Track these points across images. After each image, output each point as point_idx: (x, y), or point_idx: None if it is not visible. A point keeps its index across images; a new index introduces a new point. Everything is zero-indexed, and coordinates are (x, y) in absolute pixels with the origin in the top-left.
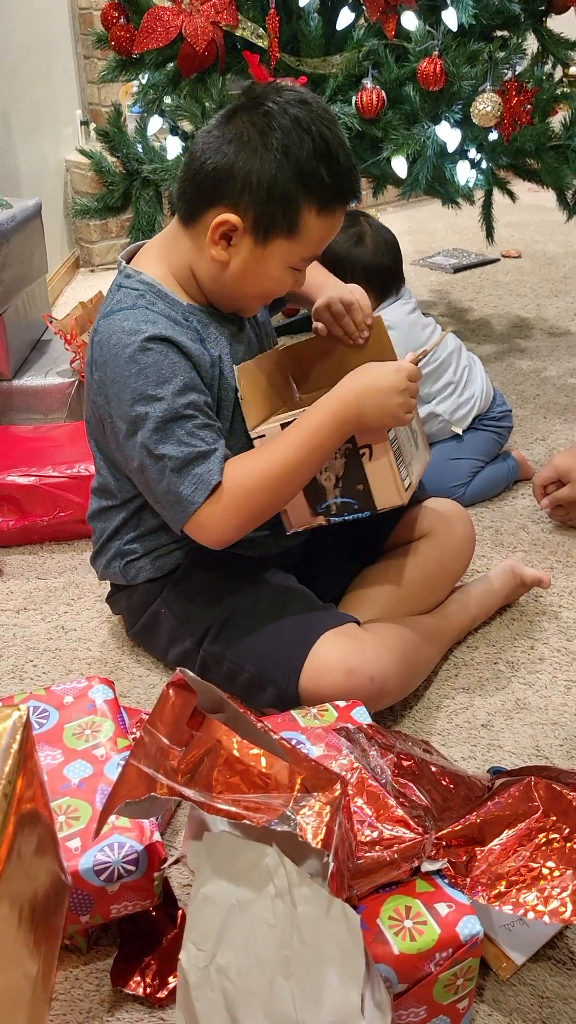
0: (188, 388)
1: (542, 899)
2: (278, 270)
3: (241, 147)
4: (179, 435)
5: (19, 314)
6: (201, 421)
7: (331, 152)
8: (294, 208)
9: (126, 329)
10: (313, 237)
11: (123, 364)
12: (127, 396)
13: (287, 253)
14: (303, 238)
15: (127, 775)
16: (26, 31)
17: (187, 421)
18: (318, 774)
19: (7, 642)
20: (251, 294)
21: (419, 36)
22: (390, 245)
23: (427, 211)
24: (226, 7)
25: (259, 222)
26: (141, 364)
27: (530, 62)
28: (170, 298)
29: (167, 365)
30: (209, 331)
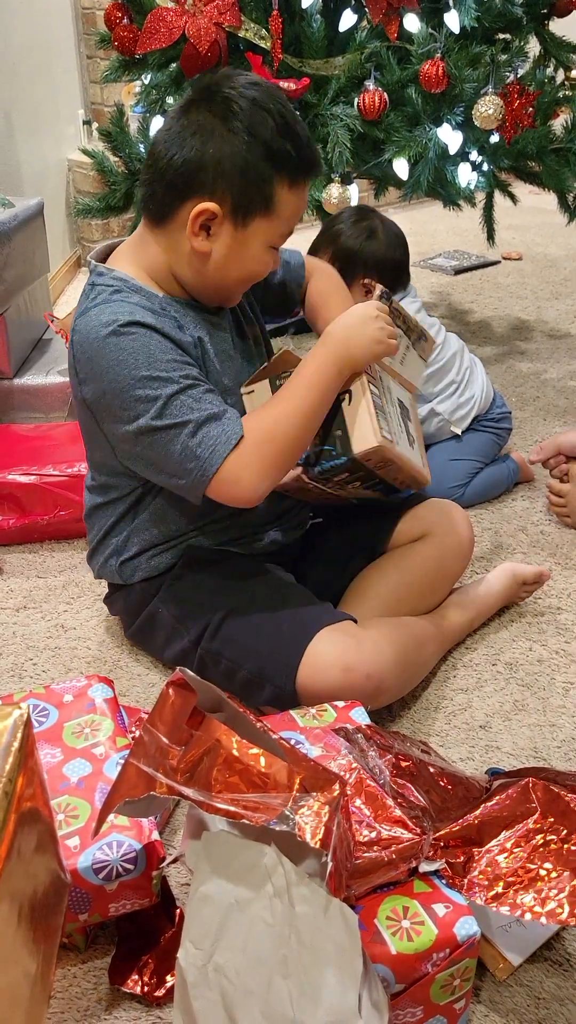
0: (180, 362)
1: (539, 900)
2: (260, 251)
3: (206, 137)
4: (188, 403)
5: (20, 313)
6: (204, 387)
7: (291, 127)
8: (268, 186)
9: (104, 321)
10: (288, 212)
11: (109, 355)
12: (123, 384)
13: (267, 232)
14: (279, 214)
15: (126, 774)
16: (29, 31)
17: (191, 389)
18: (317, 774)
19: (7, 640)
20: (235, 280)
21: (421, 38)
22: (400, 240)
23: (428, 213)
24: (229, 8)
25: (237, 206)
26: (127, 350)
27: (532, 65)
28: (145, 291)
29: (153, 345)
30: (187, 320)
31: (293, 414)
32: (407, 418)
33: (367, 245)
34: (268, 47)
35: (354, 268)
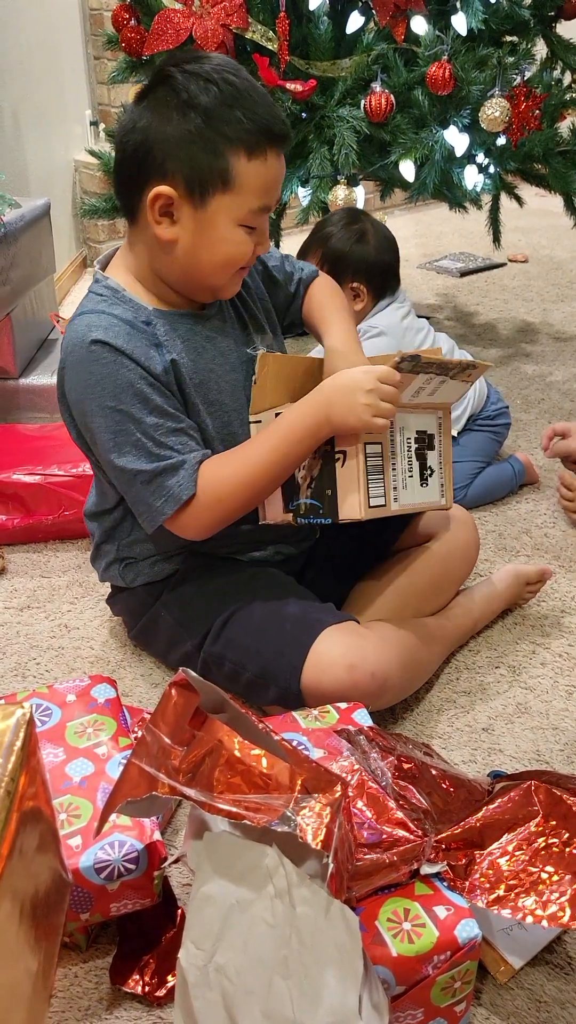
0: (147, 395)
1: (541, 903)
2: (227, 230)
3: (151, 120)
4: (147, 446)
5: (26, 313)
6: (168, 427)
7: (242, 95)
8: (221, 158)
9: (79, 334)
10: (252, 184)
11: (79, 373)
12: (89, 408)
13: (231, 208)
14: (241, 188)
15: (128, 774)
16: (36, 32)
17: (153, 431)
18: (319, 775)
19: (10, 640)
20: (211, 266)
21: (428, 40)
22: (391, 243)
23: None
24: (236, 10)
25: (191, 184)
26: (96, 375)
27: (539, 67)
28: (133, 303)
29: (121, 374)
30: (175, 334)
31: (255, 471)
32: (429, 447)
33: (356, 248)
34: (275, 49)
35: (344, 271)
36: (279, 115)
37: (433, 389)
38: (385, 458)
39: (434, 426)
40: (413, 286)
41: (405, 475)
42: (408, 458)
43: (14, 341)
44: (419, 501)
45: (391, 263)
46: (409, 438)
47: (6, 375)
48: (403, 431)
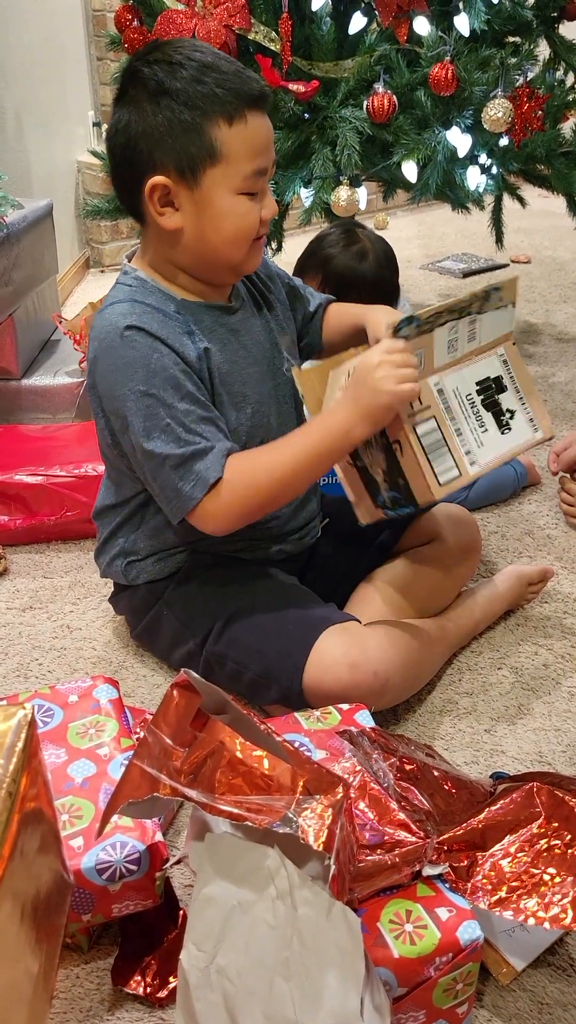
0: (180, 381)
1: (543, 905)
2: (228, 202)
3: (130, 118)
4: (177, 432)
5: (29, 314)
6: (198, 414)
7: (209, 67)
8: (203, 134)
9: (113, 323)
10: (239, 149)
11: (112, 359)
12: (120, 393)
13: (224, 179)
14: (229, 156)
15: (130, 775)
16: (39, 32)
17: (184, 416)
18: (320, 777)
19: (12, 640)
20: (224, 243)
21: (431, 41)
22: (389, 257)
23: (437, 215)
24: (239, 10)
25: (181, 167)
26: (128, 359)
27: (542, 68)
28: (163, 292)
29: (155, 359)
30: (203, 325)
31: (284, 472)
32: (499, 390)
33: (360, 268)
34: (278, 49)
35: (347, 294)
36: (251, 76)
37: (469, 334)
38: (444, 429)
39: (497, 366)
40: (416, 287)
41: (477, 434)
42: (475, 415)
43: (17, 342)
44: (508, 448)
45: (391, 278)
46: (469, 394)
47: (9, 376)
48: (456, 392)
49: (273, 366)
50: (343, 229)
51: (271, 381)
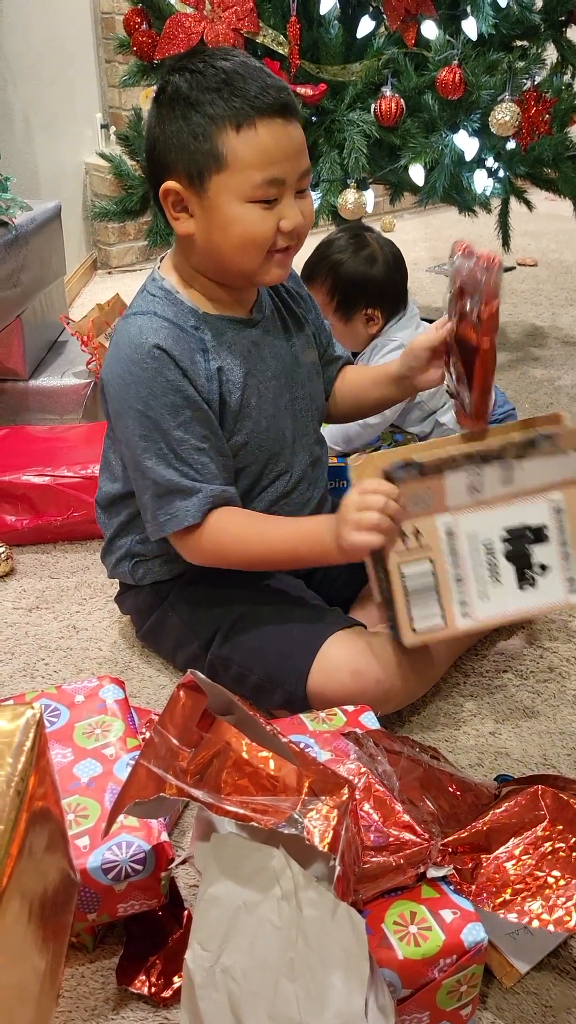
0: (179, 408)
1: (547, 908)
2: (235, 208)
3: (154, 124)
4: (168, 458)
5: (36, 315)
6: (192, 444)
7: (230, 75)
8: (208, 140)
9: (131, 336)
10: (247, 157)
11: (122, 371)
12: (121, 407)
13: (229, 187)
14: (235, 164)
15: (136, 775)
16: (48, 35)
17: (177, 444)
18: (326, 778)
19: (19, 640)
20: (232, 249)
21: (439, 45)
22: (399, 262)
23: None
24: (247, 14)
25: (190, 173)
26: (135, 376)
27: (549, 72)
28: (184, 305)
29: (159, 383)
30: (223, 338)
31: (258, 554)
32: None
33: (370, 273)
34: (286, 53)
35: (358, 300)
36: (272, 85)
37: (503, 478)
38: (440, 573)
39: (546, 514)
40: (422, 289)
41: (485, 585)
42: (488, 565)
43: (24, 343)
44: (521, 606)
45: (401, 282)
46: (488, 541)
47: (16, 377)
48: (472, 536)
49: (292, 380)
50: (351, 233)
51: (288, 395)
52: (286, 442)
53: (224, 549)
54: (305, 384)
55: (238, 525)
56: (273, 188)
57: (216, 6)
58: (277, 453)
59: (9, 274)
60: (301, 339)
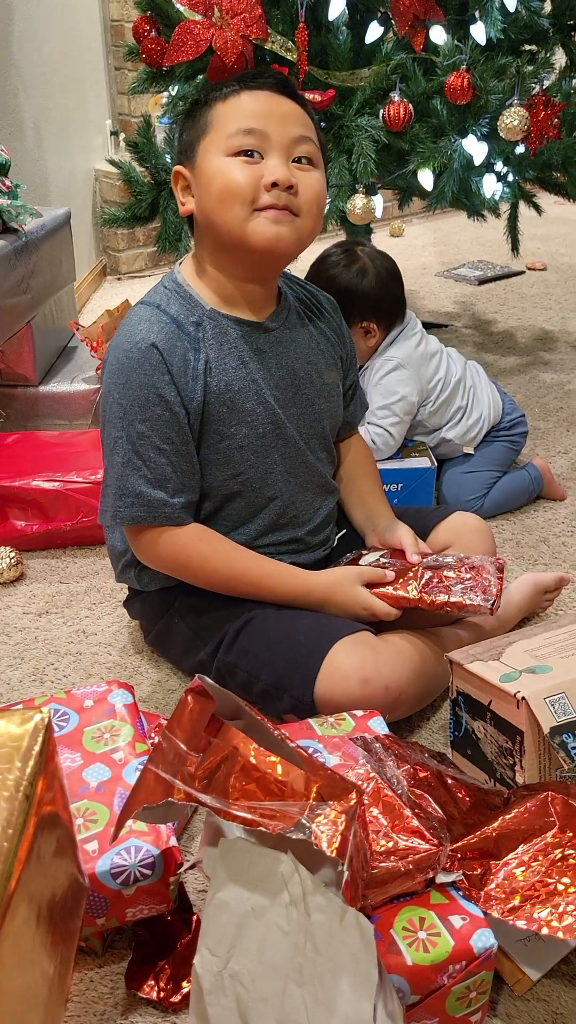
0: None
1: (556, 915)
2: (215, 162)
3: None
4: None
5: (47, 321)
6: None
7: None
8: (201, 119)
9: (132, 326)
10: (226, 117)
11: (113, 359)
12: (106, 389)
13: (211, 146)
14: (217, 125)
15: (145, 780)
16: (58, 42)
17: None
18: (334, 783)
19: (29, 645)
20: (215, 205)
21: (447, 50)
22: (392, 274)
23: (452, 223)
24: (256, 21)
25: (185, 151)
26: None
27: (558, 76)
28: (193, 300)
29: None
30: (225, 338)
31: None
32: None
33: (361, 287)
34: (294, 59)
35: (352, 313)
36: (273, 73)
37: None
38: None
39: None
40: (431, 294)
41: None
42: None
43: (35, 349)
44: None
45: (395, 294)
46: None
47: (26, 383)
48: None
49: (300, 393)
50: (343, 248)
51: (293, 408)
52: (291, 441)
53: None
54: (316, 401)
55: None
56: (251, 138)
57: (225, 13)
58: (279, 455)
59: (19, 280)
60: (325, 359)
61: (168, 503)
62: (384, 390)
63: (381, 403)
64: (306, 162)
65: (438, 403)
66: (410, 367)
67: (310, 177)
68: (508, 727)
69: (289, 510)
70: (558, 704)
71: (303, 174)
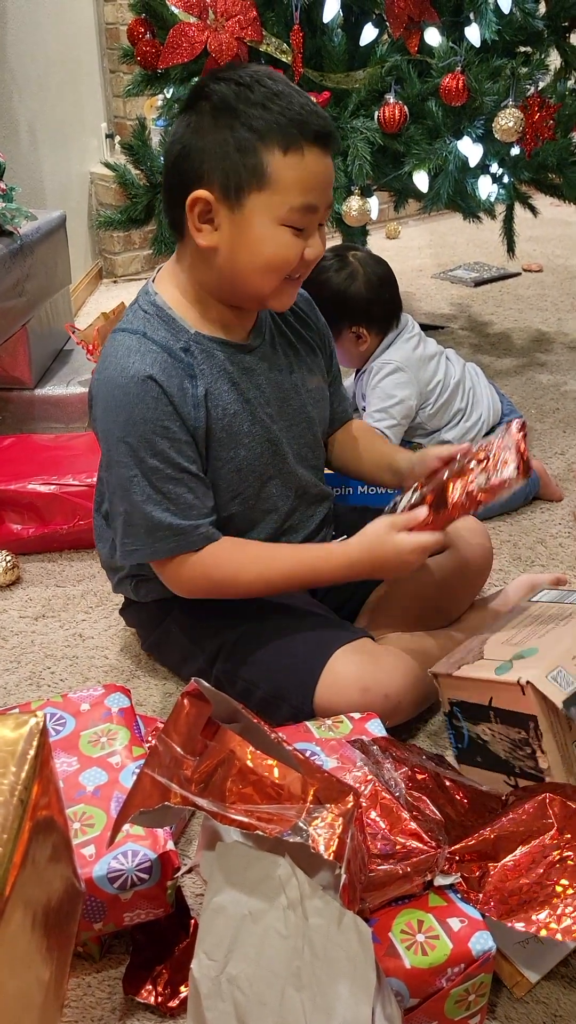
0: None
1: (555, 917)
2: (267, 229)
3: (187, 130)
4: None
5: (42, 324)
6: (166, 474)
7: (277, 95)
8: (253, 155)
9: (119, 358)
10: (289, 180)
11: (107, 394)
12: (102, 429)
13: (267, 206)
14: (278, 185)
15: (141, 784)
16: (54, 46)
17: (152, 473)
18: (331, 786)
19: (25, 649)
20: (255, 269)
21: (442, 52)
22: (383, 279)
23: (448, 224)
24: (251, 23)
25: (227, 185)
26: (119, 401)
27: (553, 78)
28: (176, 324)
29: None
30: (213, 361)
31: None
32: None
33: (350, 292)
34: (289, 61)
35: (342, 318)
36: (318, 111)
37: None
38: None
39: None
40: (427, 296)
41: None
42: None
43: (30, 352)
44: None
45: (388, 297)
46: None
47: (22, 386)
48: None
49: (288, 406)
50: (335, 253)
51: (283, 421)
52: (284, 468)
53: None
54: (304, 410)
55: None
56: (308, 216)
57: (219, 15)
58: (274, 473)
59: (14, 283)
60: (306, 365)
61: (200, 526)
62: (382, 393)
63: (378, 406)
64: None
65: (437, 405)
66: (408, 370)
67: (324, 237)
68: (517, 717)
69: (286, 521)
70: (560, 678)
71: (321, 234)
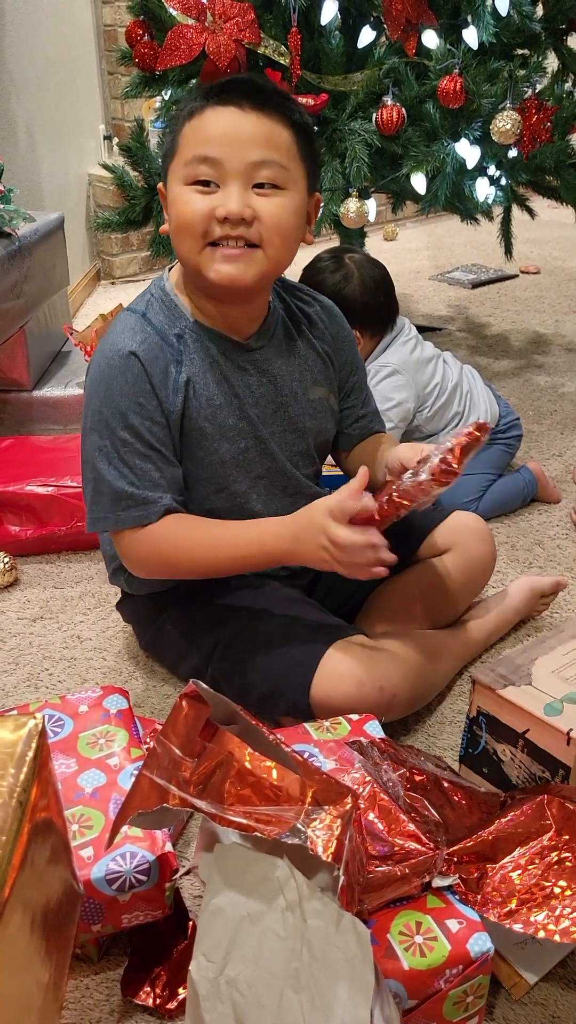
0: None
1: (553, 918)
2: (175, 191)
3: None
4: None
5: (40, 325)
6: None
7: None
8: (173, 135)
9: (116, 333)
10: (188, 141)
11: (95, 366)
12: (88, 397)
13: (175, 173)
14: (182, 148)
15: (140, 785)
16: (52, 48)
17: (121, 445)
18: (329, 787)
19: (23, 650)
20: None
21: (440, 54)
22: (378, 282)
23: (446, 226)
24: (249, 25)
25: (162, 168)
26: (103, 372)
27: (550, 80)
28: (177, 311)
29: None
30: (206, 352)
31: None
32: None
33: (344, 294)
34: (287, 63)
35: None
36: (243, 79)
37: None
38: None
39: None
40: (425, 298)
41: None
42: None
43: (28, 353)
44: None
45: (383, 300)
46: None
47: (20, 387)
48: None
49: (283, 412)
50: (331, 254)
51: (275, 425)
52: (274, 467)
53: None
54: (299, 420)
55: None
56: (204, 167)
57: (218, 17)
58: (263, 470)
59: (12, 285)
60: (312, 376)
61: (163, 498)
62: (379, 396)
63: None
64: (269, 187)
65: (435, 408)
66: (406, 373)
67: (271, 203)
68: (548, 759)
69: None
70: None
71: (263, 201)
